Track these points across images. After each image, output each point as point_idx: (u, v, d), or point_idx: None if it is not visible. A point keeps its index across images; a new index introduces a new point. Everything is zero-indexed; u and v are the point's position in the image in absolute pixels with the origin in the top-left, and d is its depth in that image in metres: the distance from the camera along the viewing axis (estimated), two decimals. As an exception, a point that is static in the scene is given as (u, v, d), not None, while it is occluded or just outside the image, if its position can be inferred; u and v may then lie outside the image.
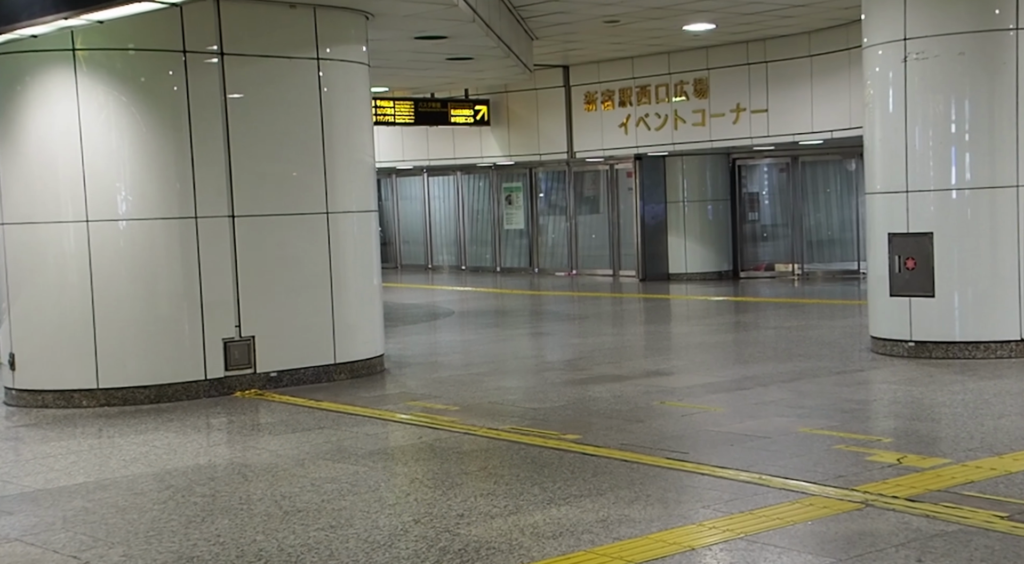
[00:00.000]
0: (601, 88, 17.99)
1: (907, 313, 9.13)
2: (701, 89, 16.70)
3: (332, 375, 8.93)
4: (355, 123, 9.25)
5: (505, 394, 8.11)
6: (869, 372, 8.63)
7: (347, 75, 9.14)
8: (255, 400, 8.17)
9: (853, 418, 6.85)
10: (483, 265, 21.97)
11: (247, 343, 8.48)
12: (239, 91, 8.44)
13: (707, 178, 18.48)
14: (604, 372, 8.98)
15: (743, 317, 12.91)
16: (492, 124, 19.48)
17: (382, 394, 8.35)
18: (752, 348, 10.11)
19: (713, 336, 11.17)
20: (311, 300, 8.83)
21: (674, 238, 18.46)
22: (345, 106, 9.11)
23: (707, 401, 7.55)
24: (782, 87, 15.71)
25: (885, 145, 9.25)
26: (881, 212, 9.36)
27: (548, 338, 11.66)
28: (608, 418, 7.08)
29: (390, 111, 18.25)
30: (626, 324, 12.78)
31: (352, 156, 9.19)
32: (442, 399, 8.00)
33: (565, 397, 7.89)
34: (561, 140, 18.72)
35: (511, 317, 14.04)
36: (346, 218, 9.11)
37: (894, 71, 9.10)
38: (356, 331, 9.16)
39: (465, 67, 13.44)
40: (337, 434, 6.82)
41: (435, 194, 23.15)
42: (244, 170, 8.47)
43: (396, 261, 24.01)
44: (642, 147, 17.63)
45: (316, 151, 8.84)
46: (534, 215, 21.06)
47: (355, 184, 9.24)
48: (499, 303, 15.96)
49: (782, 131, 15.86)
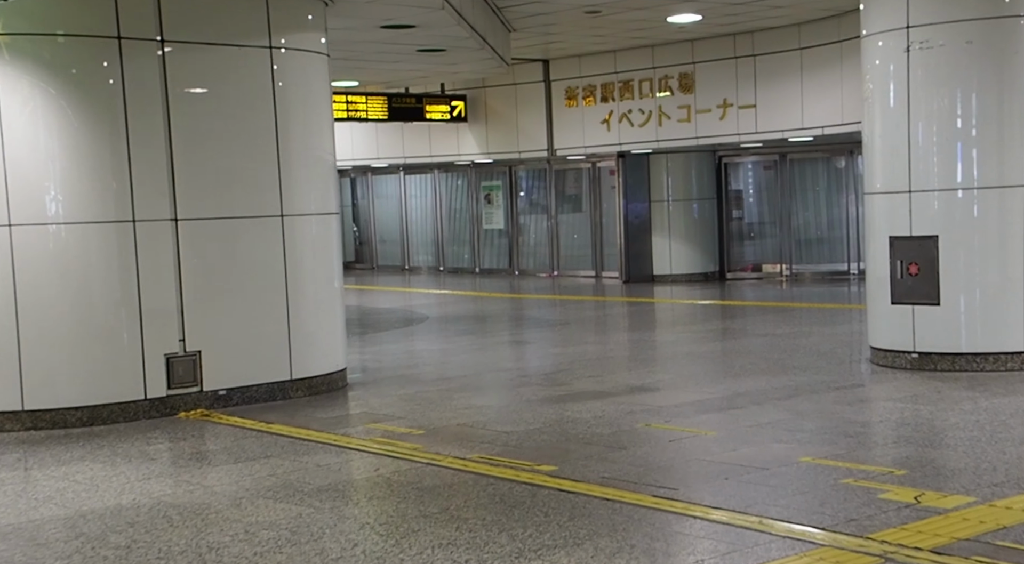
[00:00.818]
0: (582, 83, 17.29)
1: (910, 322, 8.47)
2: (686, 84, 16.01)
3: (288, 392, 8.20)
4: (313, 119, 8.52)
5: (476, 414, 7.40)
6: (871, 387, 7.96)
7: (304, 66, 8.41)
8: (200, 422, 7.44)
9: (858, 444, 6.17)
10: (462, 266, 21.26)
11: (192, 358, 7.74)
12: (182, 83, 7.70)
13: (692, 176, 17.82)
14: (584, 388, 8.28)
15: (731, 323, 12.23)
16: (469, 120, 18.76)
17: (341, 414, 7.63)
18: (743, 359, 9.44)
19: (701, 345, 10.49)
20: (264, 311, 8.10)
21: (658, 238, 17.79)
22: (302, 100, 8.38)
23: (697, 423, 6.86)
24: (771, 82, 15.04)
25: (886, 142, 8.58)
26: (882, 214, 8.69)
27: (526, 347, 10.96)
28: (588, 444, 6.38)
29: (362, 106, 17.49)
30: (609, 331, 12.09)
31: (310, 154, 8.46)
32: (406, 420, 7.29)
33: (541, 418, 7.19)
34: (541, 137, 18.02)
35: (488, 323, 13.34)
36: (304, 221, 8.38)
37: (895, 62, 8.43)
38: (315, 344, 8.44)
39: (438, 60, 12.72)
40: (284, 465, 6.10)
41: (412, 193, 22.42)
42: (188, 169, 7.73)
43: (372, 262, 23.27)
44: (625, 144, 16.93)
45: (269, 149, 8.11)
46: (514, 215, 20.36)
47: (313, 185, 8.51)
48: (477, 307, 15.25)
49: (771, 127, 15.18)
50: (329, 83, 8.72)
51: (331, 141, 8.73)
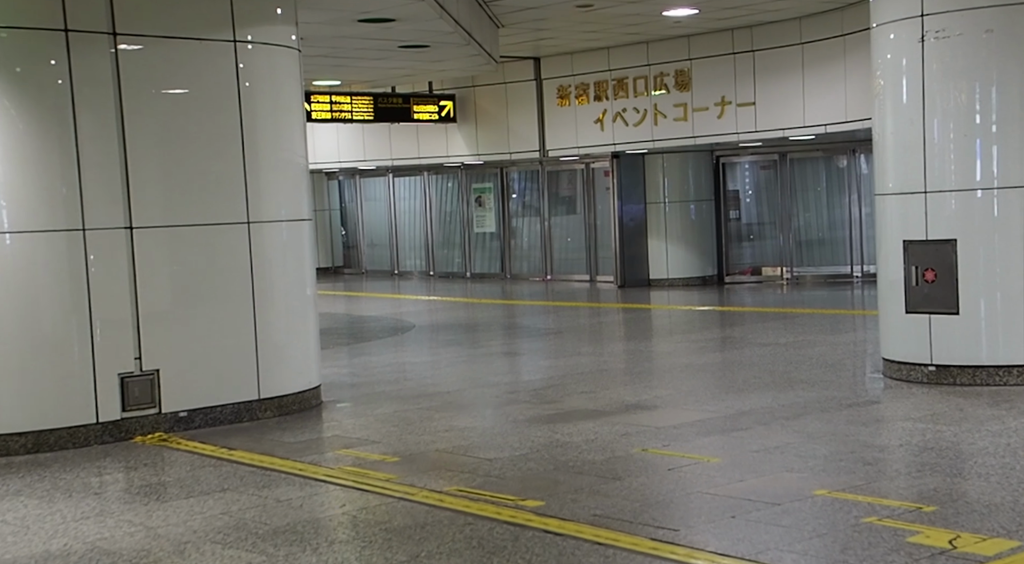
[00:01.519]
0: (575, 81, 16.70)
1: (926, 333, 7.87)
2: (683, 81, 15.43)
3: (256, 413, 7.59)
4: (283, 118, 7.91)
5: (457, 438, 6.80)
6: (886, 405, 7.36)
7: (272, 62, 7.80)
8: (157, 448, 6.83)
9: (878, 473, 5.57)
10: (453, 270, 20.66)
11: (149, 378, 7.13)
12: (137, 80, 7.09)
13: (689, 177, 17.23)
14: (576, 405, 7.68)
15: (732, 331, 11.64)
16: (459, 121, 18.16)
17: (311, 438, 7.02)
18: (746, 372, 8.84)
19: (700, 356, 9.89)
20: (229, 326, 7.49)
21: (654, 241, 17.19)
22: (270, 98, 7.78)
23: (698, 447, 6.27)
24: (771, 78, 14.46)
25: (898, 140, 7.98)
26: (894, 216, 8.09)
27: (516, 359, 10.36)
28: (579, 473, 5.78)
29: (347, 107, 16.89)
30: (603, 341, 11.49)
31: (279, 157, 7.86)
32: (381, 445, 6.69)
33: (528, 442, 6.58)
34: (533, 137, 17.42)
35: (477, 332, 12.74)
36: (273, 228, 7.78)
37: (909, 54, 7.83)
38: (285, 361, 7.83)
39: (423, 57, 12.13)
40: (241, 500, 5.49)
41: (401, 196, 21.82)
42: (144, 174, 7.13)
43: (360, 267, 22.67)
44: (619, 144, 16.34)
45: (234, 151, 7.50)
46: (506, 218, 19.77)
47: (283, 189, 7.90)
48: (466, 314, 14.65)
49: (771, 126, 14.59)
50: (300, 80, 8.12)
51: (303, 143, 8.13)
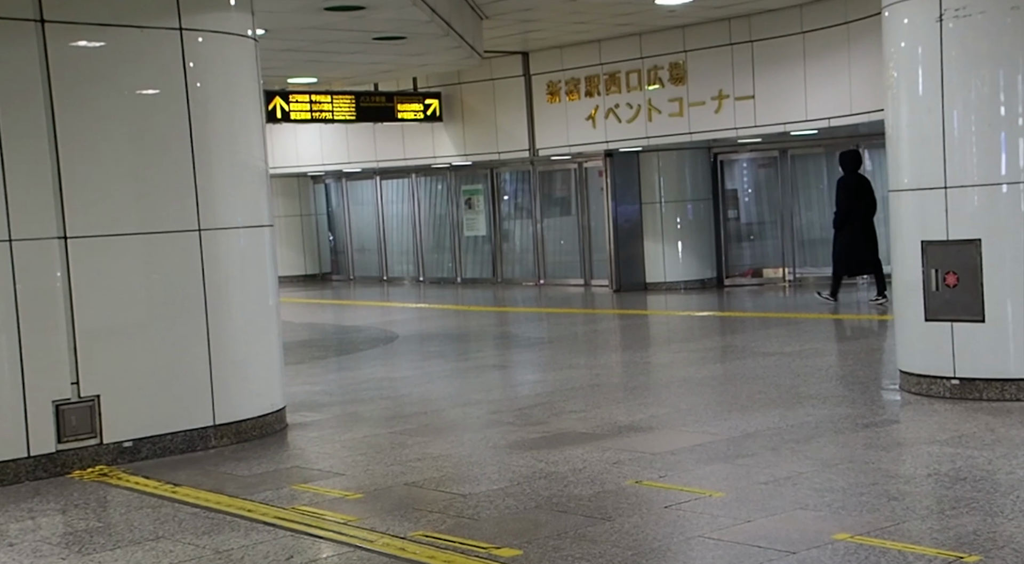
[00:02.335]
0: (565, 76, 16.00)
1: (948, 342, 7.16)
2: (678, 75, 14.73)
3: (210, 441, 6.87)
4: (238, 116, 7.20)
5: (430, 468, 6.08)
6: (906, 425, 6.64)
7: (225, 53, 7.10)
8: (95, 485, 6.11)
9: (907, 511, 4.85)
10: (443, 275, 19.96)
11: (88, 405, 6.41)
12: (69, 73, 6.38)
13: (686, 175, 16.52)
14: (565, 427, 6.97)
15: (733, 339, 10.93)
16: (445, 120, 17.47)
17: (268, 470, 6.30)
18: (749, 386, 8.13)
19: (700, 368, 9.18)
20: (179, 345, 6.78)
21: (651, 243, 16.49)
22: (224, 93, 7.07)
23: (699, 478, 5.55)
24: (770, 70, 13.76)
25: (915, 131, 7.27)
26: (911, 214, 7.38)
27: (502, 373, 9.64)
28: (563, 512, 5.07)
29: (327, 106, 16.22)
30: (596, 351, 10.78)
31: (235, 159, 7.15)
32: (345, 479, 5.98)
33: (509, 473, 5.87)
34: (522, 136, 16.72)
35: (464, 342, 12.02)
36: (229, 236, 7.07)
37: (925, 38, 7.11)
38: (243, 382, 7.12)
39: (401, 50, 11.42)
40: (175, 552, 4.78)
41: (389, 199, 21.10)
42: (80, 178, 6.41)
43: (348, 273, 21.94)
44: (612, 142, 15.64)
45: (182, 152, 6.79)
46: (497, 220, 19.07)
47: (240, 193, 7.20)
48: (454, 323, 13.94)
49: (771, 120, 13.90)
50: (258, 74, 7.40)
51: (261, 143, 7.40)
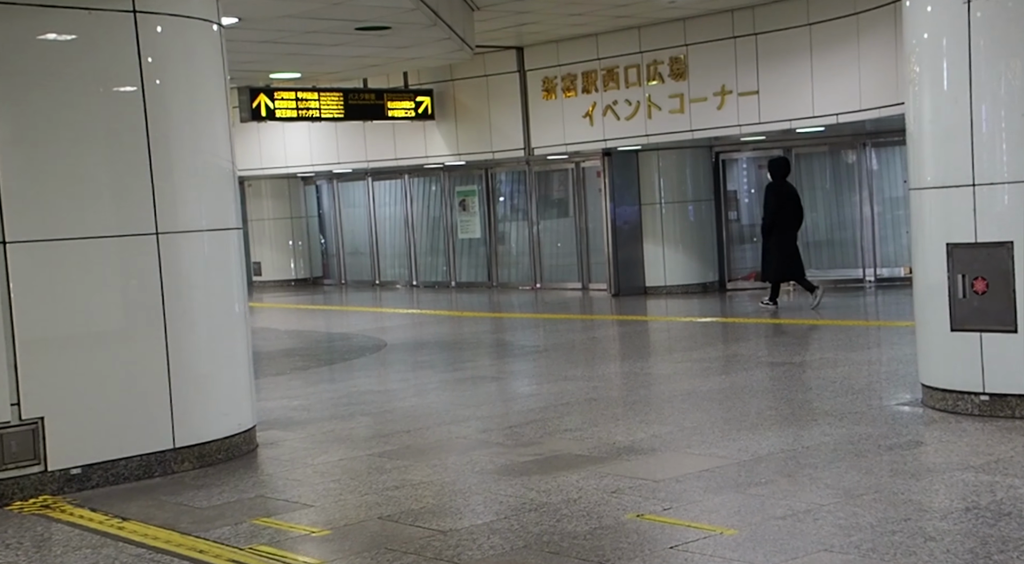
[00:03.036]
0: (561, 72, 15.40)
1: (977, 355, 6.56)
2: (678, 70, 14.13)
3: (170, 466, 6.27)
4: (201, 110, 6.60)
5: (409, 498, 5.48)
6: (934, 447, 6.03)
7: (186, 39, 6.49)
8: (34, 519, 5.50)
9: (949, 555, 4.24)
10: (437, 279, 19.36)
11: (31, 428, 5.81)
12: (8, 61, 5.78)
13: (687, 175, 15.92)
14: (558, 448, 6.37)
15: (738, 347, 10.32)
16: (437, 118, 16.86)
17: (229, 501, 5.69)
18: (759, 400, 7.53)
19: (704, 380, 8.58)
20: (134, 360, 6.18)
21: (650, 245, 15.88)
22: (184, 84, 6.47)
23: (707, 511, 4.95)
24: (775, 64, 13.16)
25: (939, 125, 6.66)
26: (935, 214, 6.77)
27: (493, 386, 9.04)
28: (555, 553, 4.47)
29: (315, 104, 15.60)
30: (594, 361, 10.17)
31: (198, 158, 6.55)
32: (313, 511, 5.37)
33: (495, 505, 5.27)
34: (517, 135, 16.12)
35: (455, 351, 11.41)
36: (190, 240, 6.47)
37: (951, 26, 6.50)
38: (208, 400, 6.51)
39: (386, 42, 10.82)
40: (109, 603, 4.18)
41: (381, 200, 20.50)
42: (20, 177, 5.81)
43: (340, 278, 21.33)
44: (611, 140, 15.04)
45: (137, 150, 6.19)
46: (492, 222, 18.47)
47: (204, 194, 6.60)
48: (446, 330, 13.33)
49: (776, 117, 13.30)
50: (223, 64, 6.80)
51: (227, 141, 6.79)
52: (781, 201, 12.52)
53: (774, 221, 12.57)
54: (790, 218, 12.60)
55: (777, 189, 12.64)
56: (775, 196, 12.58)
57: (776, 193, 12.61)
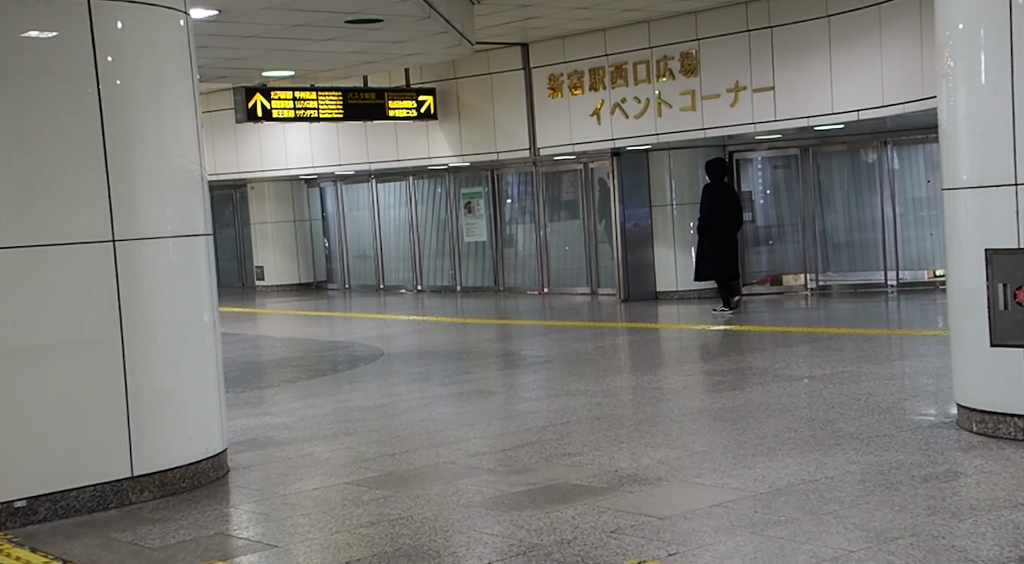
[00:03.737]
0: (567, 69, 14.80)
1: (1020, 373, 5.93)
2: (690, 65, 13.52)
3: (127, 496, 5.70)
4: (166, 107, 6.03)
5: (383, 537, 4.89)
6: (975, 478, 5.40)
7: (148, 28, 5.92)
8: (-34, 560, 4.94)
9: (1000, 615, 3.63)
10: (442, 284, 18.79)
11: (-33, 458, 5.25)
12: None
13: (699, 176, 15.27)
14: (554, 477, 5.77)
15: (753, 359, 9.70)
16: (440, 117, 16.29)
17: (186, 539, 5.11)
18: (776, 420, 6.92)
19: (716, 396, 7.97)
20: (87, 379, 5.61)
21: (662, 249, 15.28)
22: (146, 79, 5.90)
23: (719, 558, 4.34)
24: (792, 58, 12.54)
25: (976, 121, 6.04)
26: (972, 217, 6.15)
27: (489, 402, 8.44)
28: (542, 610, 3.87)
29: (313, 104, 15.07)
30: (600, 373, 9.56)
31: (163, 160, 5.98)
32: (274, 554, 4.79)
33: (479, 546, 4.68)
34: (522, 135, 15.53)
35: (453, 362, 10.82)
36: (152, 247, 5.90)
37: (991, 15, 5.88)
38: (171, 423, 5.94)
39: (379, 36, 10.24)
40: None
41: (386, 203, 19.93)
42: (-46, 178, 5.26)
43: (344, 282, 20.77)
44: (619, 140, 14.44)
45: (91, 150, 5.62)
46: (498, 225, 17.89)
47: (168, 198, 6.03)
48: (447, 338, 12.74)
49: (793, 114, 12.68)
50: (192, 59, 6.22)
51: (195, 141, 6.21)
52: (716, 201, 12.68)
53: (710, 221, 12.71)
54: (726, 218, 12.72)
55: (714, 189, 12.81)
56: (711, 196, 12.77)
57: (712, 193, 12.79)
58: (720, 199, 12.73)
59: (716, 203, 12.70)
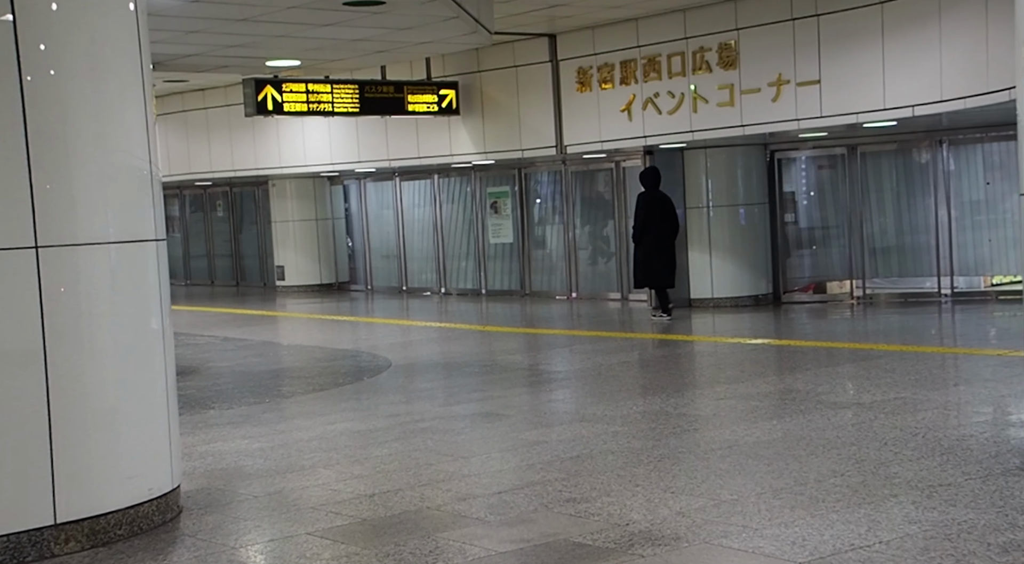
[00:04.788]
0: (597, 62, 13.86)
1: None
2: (728, 57, 12.53)
3: (49, 547, 4.85)
4: (106, 96, 5.17)
5: (334, 613, 4.00)
6: (1064, 545, 4.42)
7: (89, 11, 5.09)
8: None
9: None
10: (467, 286, 17.92)
11: None
12: None
13: (738, 176, 14.32)
14: (553, 531, 4.86)
15: (794, 380, 8.72)
16: (463, 113, 15.41)
17: (100, 608, 4.25)
18: (819, 460, 5.95)
19: (750, 425, 7.01)
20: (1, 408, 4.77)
21: (696, 254, 14.31)
22: (85, 68, 5.07)
23: (746, 661, 3.41)
24: (841, 49, 11.53)
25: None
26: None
27: (495, 427, 7.52)
28: None
29: (327, 98, 14.25)
30: (621, 394, 8.62)
31: (104, 157, 5.14)
32: (199, 632, 3.92)
33: (447, 632, 3.78)
34: (548, 132, 14.61)
35: (463, 377, 9.92)
36: (89, 254, 5.06)
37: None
38: (104, 459, 5.09)
39: (382, 21, 9.37)
40: None
41: (410, 202, 19.09)
42: None
43: (366, 283, 19.95)
44: (652, 137, 13.48)
45: (10, 144, 4.78)
46: (525, 226, 16.99)
47: (110, 200, 5.19)
48: (462, 348, 11.85)
49: (840, 110, 11.65)
50: (141, 43, 5.35)
51: (143, 137, 5.35)
52: (649, 210, 12.81)
53: (645, 229, 12.87)
54: (661, 227, 12.85)
55: (647, 198, 12.90)
56: (645, 205, 12.88)
57: (646, 202, 12.88)
58: (653, 208, 12.84)
59: (650, 211, 12.81)
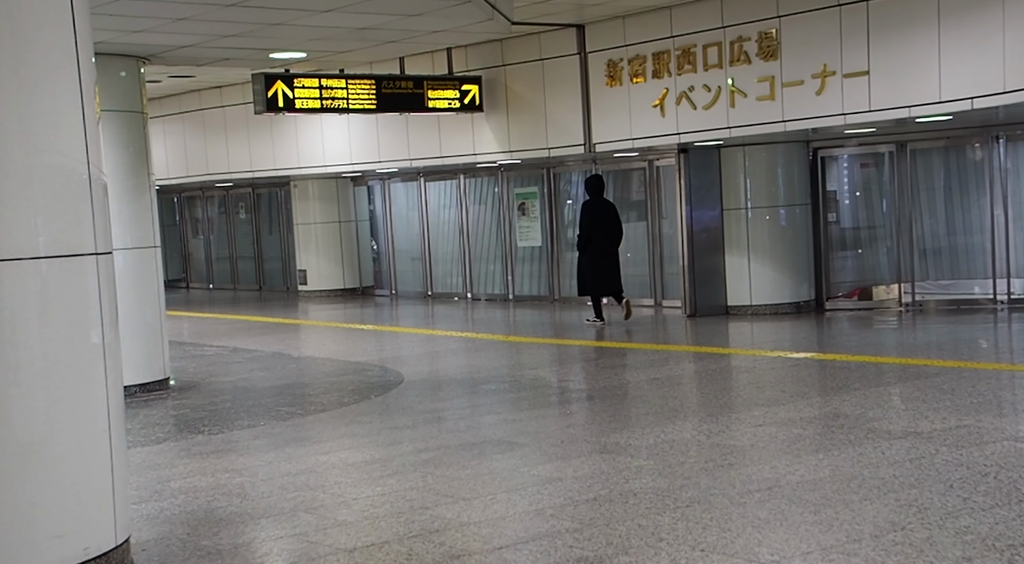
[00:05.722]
0: (628, 54, 13.01)
1: None
2: (769, 47, 11.64)
3: (-42, 619, 4.12)
4: (40, 93, 4.46)
5: None
6: None
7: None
8: None
9: None
10: (493, 292, 17.17)
11: None
12: None
13: (779, 175, 13.45)
14: (556, 605, 4.05)
15: (840, 402, 7.84)
16: (486, 109, 14.62)
17: None
18: (875, 506, 5.10)
19: (792, 460, 6.16)
20: None
21: (734, 257, 13.45)
22: (7, 61, 4.33)
23: None
24: (892, 37, 10.60)
25: None
26: None
27: (504, 459, 6.72)
28: None
29: (341, 93, 13.53)
30: (649, 418, 7.79)
31: (31, 158, 4.44)
32: None
33: None
34: (576, 128, 13.78)
35: (478, 395, 9.12)
36: (12, 270, 4.32)
37: None
38: (25, 514, 4.35)
39: (387, 7, 8.62)
40: None
41: (435, 204, 18.34)
42: None
43: (391, 288, 19.23)
44: (686, 134, 12.61)
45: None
46: (554, 228, 16.20)
47: (39, 208, 4.46)
48: (482, 362, 11.06)
49: (891, 103, 10.72)
50: (76, 34, 4.61)
51: (80, 137, 4.60)
52: (594, 218, 12.82)
53: (590, 237, 12.85)
54: (605, 235, 12.86)
55: (591, 206, 12.90)
56: (589, 213, 12.88)
57: (590, 210, 12.88)
58: (598, 216, 12.82)
59: (595, 220, 12.80)
